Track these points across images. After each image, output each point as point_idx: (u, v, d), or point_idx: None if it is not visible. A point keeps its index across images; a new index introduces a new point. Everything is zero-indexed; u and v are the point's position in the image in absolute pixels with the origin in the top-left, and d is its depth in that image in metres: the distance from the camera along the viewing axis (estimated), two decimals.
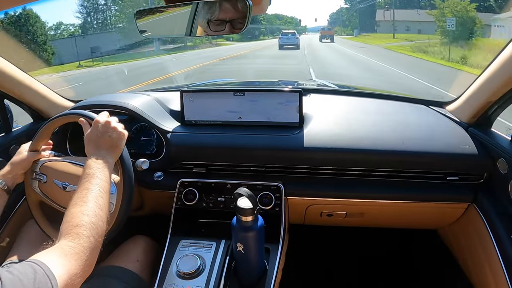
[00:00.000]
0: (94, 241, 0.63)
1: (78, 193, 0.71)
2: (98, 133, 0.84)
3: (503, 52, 0.87)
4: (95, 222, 0.66)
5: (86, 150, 0.84)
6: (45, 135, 0.98)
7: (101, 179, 0.75)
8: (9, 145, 1.17)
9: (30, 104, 1.25)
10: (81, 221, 0.64)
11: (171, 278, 0.92)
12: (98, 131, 0.84)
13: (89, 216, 0.66)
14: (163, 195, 1.12)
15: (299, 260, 1.31)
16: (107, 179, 0.77)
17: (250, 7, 0.61)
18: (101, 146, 0.83)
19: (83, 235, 0.62)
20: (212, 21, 0.69)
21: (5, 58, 1.08)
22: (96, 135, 0.84)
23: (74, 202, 0.69)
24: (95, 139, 0.83)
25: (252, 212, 0.82)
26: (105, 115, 0.88)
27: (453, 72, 9.15)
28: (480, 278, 0.99)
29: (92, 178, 0.74)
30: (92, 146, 0.83)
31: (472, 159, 0.99)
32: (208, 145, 1.12)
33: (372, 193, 1.06)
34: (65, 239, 0.61)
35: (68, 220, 0.65)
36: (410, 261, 1.50)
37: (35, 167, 0.97)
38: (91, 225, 0.65)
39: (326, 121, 1.13)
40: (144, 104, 1.20)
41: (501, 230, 0.89)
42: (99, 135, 0.84)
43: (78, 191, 0.72)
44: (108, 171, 0.79)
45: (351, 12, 42.86)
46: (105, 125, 0.85)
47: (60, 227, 0.65)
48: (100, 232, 0.66)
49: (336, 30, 45.07)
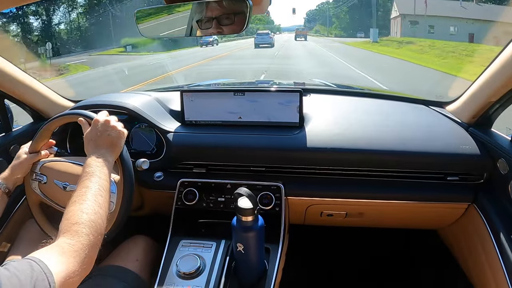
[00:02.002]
0: (93, 238, 0.63)
1: (77, 191, 0.71)
2: (97, 132, 0.84)
3: (504, 52, 0.86)
4: (94, 220, 0.66)
5: (86, 149, 0.84)
6: (44, 135, 0.98)
7: (100, 177, 0.75)
8: (9, 145, 1.17)
9: (30, 104, 1.25)
10: (80, 219, 0.64)
11: (171, 278, 0.91)
12: (98, 130, 0.84)
13: (88, 214, 0.66)
14: (163, 195, 1.12)
15: (299, 260, 1.31)
16: (107, 178, 0.77)
17: (250, 7, 0.61)
18: (101, 145, 0.83)
19: (82, 233, 0.62)
20: (201, 20, 0.69)
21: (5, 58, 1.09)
22: (96, 134, 0.84)
23: (73, 200, 0.69)
24: (94, 138, 0.83)
25: (252, 212, 0.82)
26: (104, 114, 0.88)
27: None
28: (480, 278, 0.99)
29: (92, 177, 0.74)
30: (91, 145, 0.83)
31: (472, 159, 0.99)
32: (208, 145, 1.12)
33: (372, 193, 1.06)
34: (63, 237, 0.61)
35: (67, 217, 0.65)
36: (410, 261, 1.50)
37: (35, 168, 0.97)
38: (90, 222, 0.64)
39: (326, 121, 1.13)
40: (144, 104, 1.20)
41: (501, 230, 0.89)
42: (98, 134, 0.84)
43: (78, 189, 0.72)
44: (107, 169, 0.79)
45: (340, 7, 35.76)
46: (104, 124, 0.85)
47: (60, 225, 0.65)
48: (99, 230, 0.66)
49: (318, 29, 41.80)
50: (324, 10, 43.25)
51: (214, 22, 0.67)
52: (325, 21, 40.43)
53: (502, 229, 0.89)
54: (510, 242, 0.85)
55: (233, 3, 0.65)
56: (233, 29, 0.67)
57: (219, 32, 0.68)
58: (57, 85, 8.82)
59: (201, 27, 0.69)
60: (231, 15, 0.66)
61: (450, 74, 8.61)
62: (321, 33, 40.33)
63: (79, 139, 1.27)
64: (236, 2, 0.64)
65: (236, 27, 0.66)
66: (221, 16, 0.67)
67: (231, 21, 0.66)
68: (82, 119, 0.89)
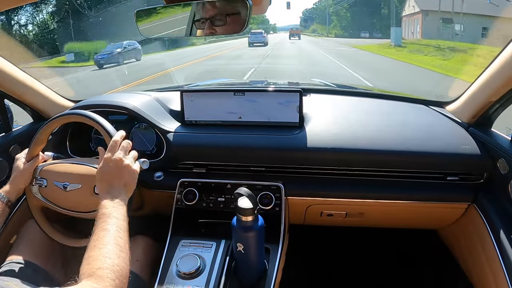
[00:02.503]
0: (119, 283, 0.60)
1: (95, 235, 0.68)
2: (110, 171, 0.81)
3: (504, 52, 0.86)
4: (118, 264, 0.63)
5: (98, 188, 0.81)
6: (41, 139, 0.97)
7: (118, 218, 0.73)
8: (9, 145, 1.17)
9: (30, 104, 1.24)
10: (104, 264, 0.61)
11: (171, 278, 0.92)
12: (110, 169, 0.81)
13: (111, 258, 0.63)
14: (163, 195, 1.12)
15: (299, 260, 1.31)
16: (124, 218, 0.75)
17: (250, 7, 0.61)
18: (115, 185, 0.80)
19: (108, 278, 0.59)
20: (198, 20, 0.69)
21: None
22: (109, 174, 0.81)
23: (93, 245, 0.66)
24: (107, 178, 0.81)
25: (252, 212, 0.82)
26: (117, 152, 0.83)
27: None
28: (480, 278, 0.99)
29: (109, 218, 0.72)
30: (104, 185, 0.80)
31: (472, 159, 0.99)
32: (208, 145, 1.12)
33: (372, 193, 1.06)
34: (88, 280, 0.58)
35: (89, 262, 0.62)
36: (410, 261, 1.50)
37: (35, 173, 0.96)
38: (114, 267, 0.62)
39: (326, 121, 1.13)
40: (144, 104, 1.20)
41: (501, 230, 0.89)
42: (112, 173, 0.81)
43: (96, 232, 0.69)
44: (123, 209, 0.77)
45: (340, 3, 32.29)
46: (117, 162, 0.82)
47: (80, 269, 0.62)
48: (125, 273, 0.64)
49: (316, 28, 40.79)
50: (322, 8, 41.13)
51: (207, 23, 0.67)
52: (324, 19, 38.09)
53: (502, 229, 0.89)
54: (510, 242, 0.85)
55: (228, 4, 0.65)
56: (233, 28, 0.67)
57: (211, 33, 0.68)
58: None
59: (197, 27, 0.69)
60: (223, 16, 0.66)
61: None
62: (319, 32, 38.24)
63: (79, 139, 1.27)
64: (235, 3, 0.64)
65: (235, 26, 0.66)
66: (214, 17, 0.67)
67: (223, 22, 0.66)
68: (101, 148, 0.87)
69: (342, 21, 33.45)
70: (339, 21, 34.46)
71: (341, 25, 33.56)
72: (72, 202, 0.93)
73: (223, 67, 11.11)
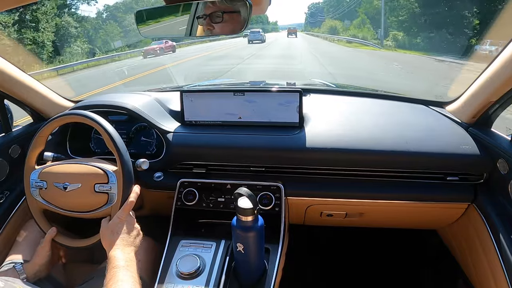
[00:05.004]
0: None
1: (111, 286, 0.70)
2: (121, 236, 0.83)
3: (503, 52, 0.87)
4: None
5: (111, 251, 0.81)
6: (39, 143, 0.97)
7: (132, 271, 0.75)
8: (9, 145, 1.17)
9: (30, 105, 1.24)
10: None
11: (171, 279, 0.91)
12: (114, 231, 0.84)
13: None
14: (163, 195, 1.12)
15: (299, 260, 1.31)
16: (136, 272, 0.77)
17: (250, 7, 0.62)
18: (126, 246, 0.82)
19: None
20: (197, 17, 0.69)
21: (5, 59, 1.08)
22: (122, 239, 0.83)
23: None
24: (119, 240, 0.83)
25: (252, 212, 0.81)
26: (134, 195, 0.89)
27: None
28: (480, 278, 0.99)
29: (125, 270, 0.74)
30: (119, 249, 0.81)
31: (472, 159, 0.99)
32: (208, 145, 1.12)
33: (372, 193, 1.06)
34: None
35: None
36: (410, 261, 1.50)
37: (35, 176, 0.96)
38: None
39: (326, 121, 1.13)
40: (144, 104, 1.20)
41: (501, 230, 0.89)
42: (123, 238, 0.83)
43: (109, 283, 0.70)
44: (136, 266, 0.78)
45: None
46: (127, 224, 0.86)
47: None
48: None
49: (333, 25, 38.25)
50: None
51: (207, 20, 0.68)
52: (346, 14, 28.45)
53: (502, 229, 0.89)
54: (510, 242, 0.85)
55: (228, 2, 0.65)
56: (233, 28, 0.67)
57: (211, 31, 0.68)
58: None
59: (199, 23, 0.70)
60: (220, 14, 0.66)
61: None
62: (337, 30, 28.14)
63: (79, 139, 1.27)
64: (235, 2, 0.64)
65: (235, 26, 0.66)
66: (212, 15, 0.67)
67: (221, 20, 0.67)
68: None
69: (370, 11, 17.44)
70: (363, 11, 19.11)
71: (369, 17, 17.96)
72: (72, 202, 0.93)
73: (229, 52, 12.32)
